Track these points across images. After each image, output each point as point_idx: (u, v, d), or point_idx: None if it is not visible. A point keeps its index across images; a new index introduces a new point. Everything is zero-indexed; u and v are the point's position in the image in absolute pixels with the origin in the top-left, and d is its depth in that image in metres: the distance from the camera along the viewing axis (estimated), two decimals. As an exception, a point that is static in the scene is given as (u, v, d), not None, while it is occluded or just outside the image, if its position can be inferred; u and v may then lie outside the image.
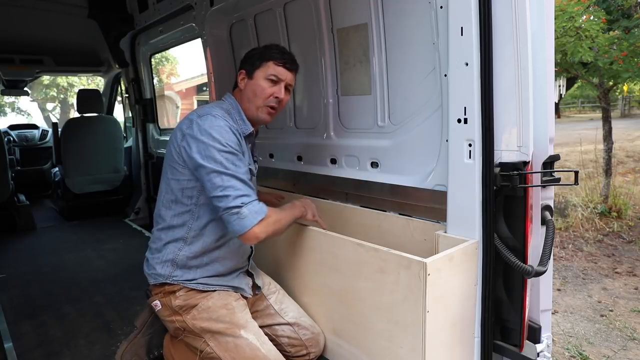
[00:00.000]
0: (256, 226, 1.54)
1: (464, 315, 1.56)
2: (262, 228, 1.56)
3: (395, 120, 2.03)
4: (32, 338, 2.38)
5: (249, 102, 1.77)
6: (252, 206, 1.55)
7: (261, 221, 1.55)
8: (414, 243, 1.89)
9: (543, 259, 1.43)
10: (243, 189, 1.55)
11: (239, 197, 1.53)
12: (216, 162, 1.55)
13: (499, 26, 1.42)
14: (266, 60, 1.75)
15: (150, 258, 1.77)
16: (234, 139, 1.61)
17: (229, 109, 1.76)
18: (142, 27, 4.12)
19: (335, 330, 1.86)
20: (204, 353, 1.66)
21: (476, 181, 1.51)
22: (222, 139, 1.57)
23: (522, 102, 1.43)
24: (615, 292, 3.90)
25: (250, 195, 1.57)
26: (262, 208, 1.58)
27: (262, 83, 1.74)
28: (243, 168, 1.59)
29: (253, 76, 1.76)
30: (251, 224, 1.53)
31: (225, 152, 1.56)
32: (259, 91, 1.75)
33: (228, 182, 1.54)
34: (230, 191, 1.53)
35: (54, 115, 22.76)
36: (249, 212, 1.53)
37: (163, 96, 16.98)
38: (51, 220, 5.09)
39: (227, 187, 1.54)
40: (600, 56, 5.35)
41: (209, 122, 1.60)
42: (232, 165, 1.56)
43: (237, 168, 1.57)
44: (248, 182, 1.59)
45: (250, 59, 1.79)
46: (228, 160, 1.55)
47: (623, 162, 9.51)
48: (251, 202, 1.55)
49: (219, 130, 1.59)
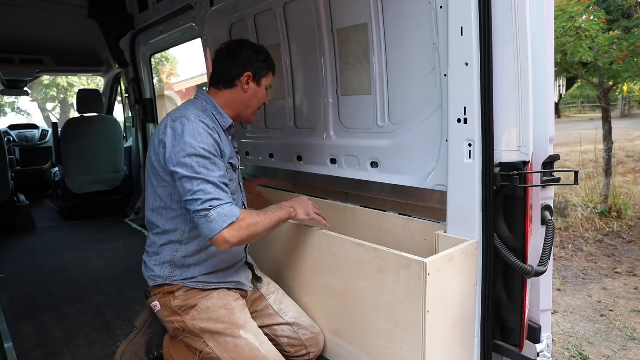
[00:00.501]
0: (225, 230, 1.49)
1: (464, 315, 1.56)
2: (233, 232, 1.50)
3: (395, 120, 2.03)
4: (32, 338, 2.38)
5: (247, 106, 1.80)
6: (222, 209, 1.50)
7: (231, 225, 1.50)
8: (414, 243, 1.88)
9: (543, 259, 1.43)
10: (214, 192, 1.51)
11: (208, 201, 1.50)
12: (187, 167, 1.53)
13: (499, 26, 1.42)
14: (270, 70, 1.83)
15: (148, 261, 1.77)
16: (208, 140, 1.58)
17: (203, 106, 1.74)
18: (142, 27, 4.12)
19: (335, 330, 1.86)
20: (204, 353, 1.66)
21: (476, 181, 1.51)
22: (195, 143, 1.54)
23: (522, 102, 1.43)
24: (615, 292, 3.90)
25: (222, 199, 1.52)
26: (233, 211, 1.52)
27: (263, 91, 1.83)
28: (217, 172, 1.55)
29: (260, 83, 1.80)
30: (219, 228, 1.49)
31: (197, 157, 1.53)
32: (262, 98, 1.84)
33: (198, 187, 1.51)
34: (200, 195, 1.50)
35: (54, 115, 22.77)
36: (218, 215, 1.49)
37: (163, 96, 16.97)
38: (51, 220, 5.09)
39: (197, 191, 1.51)
40: (600, 56, 5.35)
41: (181, 127, 1.58)
42: (204, 169, 1.53)
43: (209, 172, 1.53)
44: (221, 185, 1.55)
45: (257, 65, 1.78)
46: (199, 165, 1.53)
47: (623, 162, 9.51)
48: (221, 206, 1.51)
49: (192, 134, 1.56)
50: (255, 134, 2.90)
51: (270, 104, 2.76)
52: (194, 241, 1.70)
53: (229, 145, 1.76)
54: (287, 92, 2.59)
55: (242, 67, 1.76)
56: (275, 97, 2.70)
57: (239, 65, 1.76)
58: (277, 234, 2.11)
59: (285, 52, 2.52)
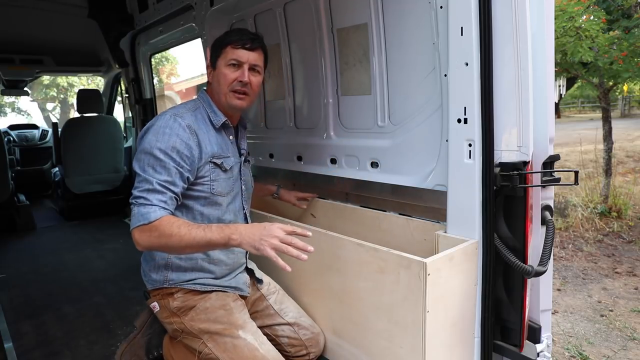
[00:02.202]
0: (136, 229, 1.47)
1: (464, 315, 1.56)
2: (142, 235, 1.47)
3: (395, 120, 2.03)
4: (32, 338, 2.38)
5: (217, 93, 1.72)
6: (142, 208, 1.47)
7: (142, 226, 1.46)
8: (414, 243, 1.88)
9: (543, 259, 1.43)
10: (146, 192, 1.50)
11: (136, 197, 1.50)
12: (139, 162, 1.55)
13: (499, 26, 1.42)
14: (224, 47, 1.68)
15: (145, 265, 1.77)
16: (171, 140, 1.54)
17: (197, 104, 1.73)
18: (142, 27, 4.12)
19: (335, 330, 1.86)
20: (203, 354, 1.66)
21: (476, 181, 1.51)
22: (154, 141, 1.54)
23: (522, 102, 1.43)
24: (615, 292, 3.90)
25: (149, 200, 1.48)
26: (148, 214, 1.46)
27: (224, 70, 1.68)
28: (162, 175, 1.52)
29: (216, 66, 1.71)
30: (133, 225, 1.48)
31: (149, 155, 1.53)
32: (222, 79, 1.68)
33: (138, 183, 1.53)
34: (135, 191, 1.52)
35: (54, 115, 22.77)
36: (137, 213, 1.48)
37: (163, 96, 16.98)
38: (51, 220, 5.09)
39: (135, 187, 1.53)
40: (600, 56, 5.35)
41: (151, 123, 1.60)
42: (150, 169, 1.52)
43: (154, 173, 1.52)
44: (158, 188, 1.50)
45: (212, 50, 1.73)
46: (148, 164, 1.53)
47: (623, 162, 9.50)
48: (144, 205, 1.48)
49: (156, 131, 1.56)
50: (255, 134, 2.90)
51: (270, 104, 2.77)
52: None
53: (218, 143, 1.70)
54: (287, 92, 2.59)
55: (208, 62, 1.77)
56: (275, 97, 2.70)
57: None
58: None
59: (285, 52, 2.52)
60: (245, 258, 1.90)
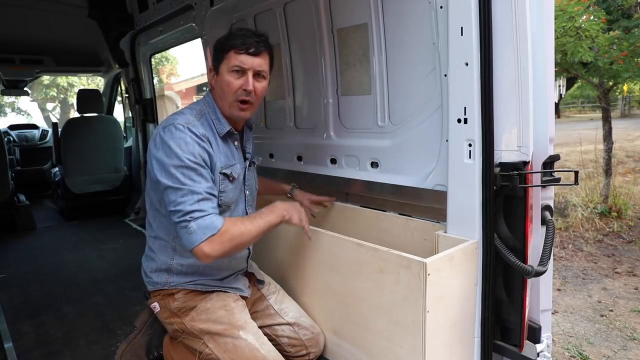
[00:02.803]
0: (204, 243, 1.44)
1: (464, 315, 1.56)
2: (214, 246, 1.45)
3: (395, 120, 2.03)
4: (32, 338, 2.38)
5: (221, 100, 1.66)
6: (203, 221, 1.45)
7: (212, 237, 1.44)
8: (414, 243, 1.88)
9: (543, 259, 1.43)
10: (197, 204, 1.46)
11: (189, 213, 1.45)
12: (172, 178, 1.48)
13: (499, 26, 1.42)
14: (227, 51, 1.60)
15: (146, 266, 1.76)
16: (195, 149, 1.51)
17: (203, 109, 1.67)
18: (142, 27, 4.12)
19: (335, 330, 1.86)
20: (203, 354, 1.66)
21: (476, 181, 1.51)
22: (181, 153, 1.49)
23: (522, 102, 1.43)
24: (615, 292, 3.90)
25: (205, 210, 1.47)
26: (214, 223, 1.46)
27: (228, 77, 1.60)
28: (203, 183, 1.50)
29: (219, 71, 1.63)
30: (199, 240, 1.44)
31: (182, 167, 1.48)
32: (226, 87, 1.61)
33: (182, 198, 1.46)
34: (182, 206, 1.46)
35: (54, 115, 22.76)
36: (198, 227, 1.44)
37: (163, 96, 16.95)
38: (51, 220, 5.09)
39: (180, 203, 1.46)
40: (600, 56, 5.35)
41: (168, 135, 1.52)
42: (189, 180, 1.48)
43: (195, 183, 1.48)
44: (206, 196, 1.49)
45: (215, 53, 1.65)
46: (184, 176, 1.48)
47: (623, 162, 9.50)
48: (202, 217, 1.45)
49: (178, 143, 1.50)
50: (255, 134, 2.88)
51: (270, 104, 2.77)
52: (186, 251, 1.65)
53: (224, 153, 1.67)
54: (287, 92, 2.59)
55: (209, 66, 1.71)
56: (275, 97, 2.70)
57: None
58: (278, 234, 2.11)
59: (285, 52, 2.52)
60: (246, 263, 1.89)
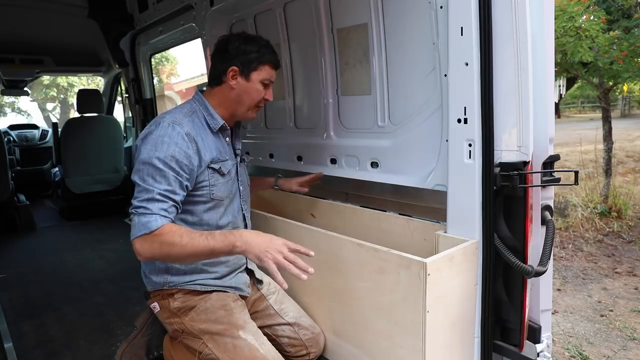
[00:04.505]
0: (137, 239, 1.44)
1: (464, 315, 1.56)
2: (144, 244, 1.44)
3: (395, 120, 2.03)
4: (32, 338, 2.38)
5: (238, 103, 1.71)
6: (142, 217, 1.45)
7: (144, 236, 1.43)
8: (414, 243, 1.88)
9: (543, 259, 1.43)
10: (145, 201, 1.47)
11: (136, 207, 1.48)
12: (138, 172, 1.52)
13: (499, 26, 1.42)
14: (264, 64, 1.69)
15: (144, 267, 1.76)
16: (170, 150, 1.52)
17: (194, 107, 1.69)
18: (142, 27, 4.12)
19: (335, 330, 1.86)
20: (203, 354, 1.66)
21: (476, 181, 1.51)
22: (153, 151, 1.51)
23: (522, 102, 1.43)
24: (615, 292, 3.90)
25: (149, 209, 1.46)
26: (150, 223, 1.44)
27: (258, 86, 1.70)
28: (162, 185, 1.50)
29: (250, 78, 1.68)
30: (134, 235, 1.45)
31: (149, 165, 1.50)
32: (255, 94, 1.70)
33: (137, 193, 1.50)
34: (134, 200, 1.50)
35: (54, 115, 22.77)
36: (137, 222, 1.45)
37: (163, 96, 16.98)
38: (51, 220, 5.09)
39: (135, 197, 1.50)
40: (600, 56, 5.35)
41: (149, 131, 1.57)
42: (151, 179, 1.49)
43: (154, 182, 1.49)
44: (158, 198, 1.48)
45: (245, 57, 1.67)
46: (147, 174, 1.50)
47: (623, 162, 9.50)
48: (144, 214, 1.45)
49: (155, 141, 1.53)
50: (255, 134, 2.90)
51: (270, 104, 2.77)
52: None
53: (216, 148, 1.69)
54: (287, 92, 2.59)
55: (227, 62, 1.67)
56: (275, 97, 2.70)
57: (224, 60, 1.68)
58: (277, 234, 2.10)
59: (285, 52, 2.52)
60: (245, 258, 1.89)
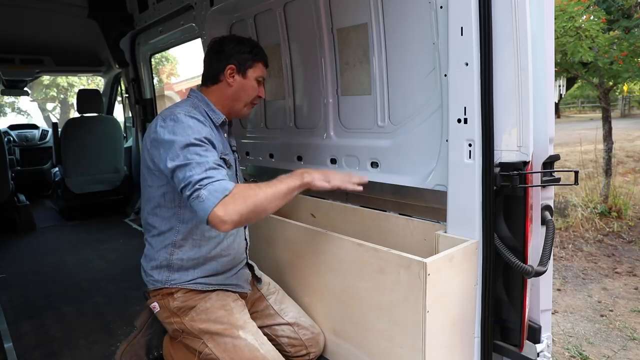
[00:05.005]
0: (218, 207, 1.34)
1: (464, 315, 1.56)
2: (227, 208, 1.35)
3: (395, 120, 2.03)
4: (32, 338, 2.38)
5: (235, 99, 1.77)
6: (212, 186, 1.38)
7: (224, 200, 1.35)
8: (414, 243, 1.88)
9: (543, 259, 1.43)
10: (205, 172, 1.41)
11: (198, 182, 1.39)
12: (178, 158, 1.46)
13: (499, 26, 1.42)
14: (258, 61, 1.78)
15: (146, 265, 1.77)
16: (202, 131, 1.53)
17: (194, 103, 1.73)
18: (142, 27, 4.12)
19: (335, 330, 1.86)
20: (203, 354, 1.66)
21: (476, 181, 1.51)
22: (186, 135, 1.50)
23: (522, 102, 1.43)
24: (615, 292, 3.90)
25: (214, 176, 1.40)
26: (224, 185, 1.38)
27: (254, 83, 1.78)
28: (210, 157, 1.47)
29: (246, 75, 1.76)
30: (211, 205, 1.35)
31: (188, 146, 1.47)
32: (251, 91, 1.79)
33: (190, 172, 1.42)
34: (191, 178, 1.41)
35: (54, 115, 22.76)
36: (208, 193, 1.36)
37: (163, 96, 16.97)
38: (51, 220, 5.09)
39: (188, 176, 1.42)
40: (600, 56, 5.35)
41: (172, 124, 1.55)
42: (196, 155, 1.45)
43: (201, 157, 1.45)
44: (214, 166, 1.45)
45: (240, 56, 1.75)
46: (190, 153, 1.46)
47: (623, 162, 9.50)
48: (211, 183, 1.38)
49: (182, 128, 1.52)
50: (255, 134, 2.90)
51: (270, 104, 2.77)
52: (188, 243, 1.69)
53: (221, 141, 1.75)
54: (287, 92, 2.59)
55: (224, 61, 1.74)
56: (275, 97, 2.70)
57: (221, 59, 1.74)
58: (277, 234, 2.11)
59: (285, 52, 2.52)
60: (245, 252, 1.90)
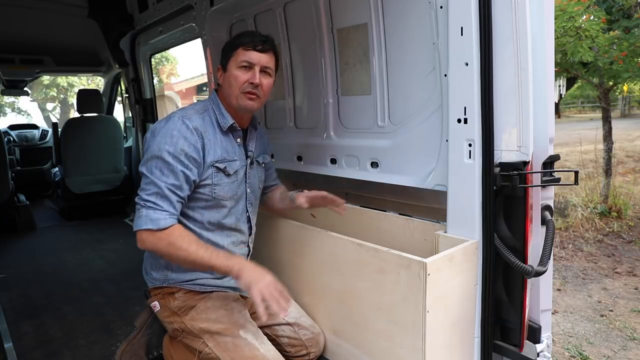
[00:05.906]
0: (143, 232, 1.50)
1: (464, 315, 1.56)
2: (148, 237, 1.50)
3: (395, 120, 2.03)
4: (32, 338, 2.38)
5: (228, 95, 1.72)
6: (151, 212, 1.51)
7: (150, 231, 1.50)
8: (414, 243, 1.88)
9: (543, 259, 1.43)
10: (155, 196, 1.53)
11: (145, 200, 1.52)
12: (146, 166, 1.57)
13: (499, 26, 1.42)
14: (235, 49, 1.69)
15: (146, 264, 1.78)
16: (179, 144, 1.55)
17: (207, 105, 1.73)
18: (142, 27, 4.12)
19: (335, 330, 1.86)
20: (203, 354, 1.66)
21: (476, 181, 1.51)
22: (162, 144, 1.55)
23: (522, 102, 1.43)
24: (615, 292, 3.90)
25: (159, 205, 1.52)
26: (160, 221, 1.50)
27: (236, 72, 1.68)
28: (170, 179, 1.54)
29: (227, 68, 1.71)
30: (140, 226, 1.50)
31: (157, 158, 1.55)
32: (234, 80, 1.68)
33: (145, 185, 1.55)
34: (142, 193, 1.54)
35: (54, 115, 22.76)
36: (145, 215, 1.50)
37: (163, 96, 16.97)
38: (51, 220, 5.09)
39: (142, 189, 1.55)
40: (600, 56, 5.35)
41: (159, 126, 1.61)
42: (158, 171, 1.54)
43: (162, 176, 1.54)
44: (166, 193, 1.53)
45: (224, 52, 1.75)
46: (156, 167, 1.54)
47: (623, 162, 9.50)
48: (153, 209, 1.51)
49: (164, 134, 1.56)
50: (255, 134, 2.90)
51: (270, 104, 2.77)
52: None
53: (223, 147, 1.70)
54: (287, 92, 2.59)
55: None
56: (275, 97, 2.70)
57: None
58: (277, 234, 2.11)
59: (285, 52, 2.52)
60: (246, 256, 1.90)
